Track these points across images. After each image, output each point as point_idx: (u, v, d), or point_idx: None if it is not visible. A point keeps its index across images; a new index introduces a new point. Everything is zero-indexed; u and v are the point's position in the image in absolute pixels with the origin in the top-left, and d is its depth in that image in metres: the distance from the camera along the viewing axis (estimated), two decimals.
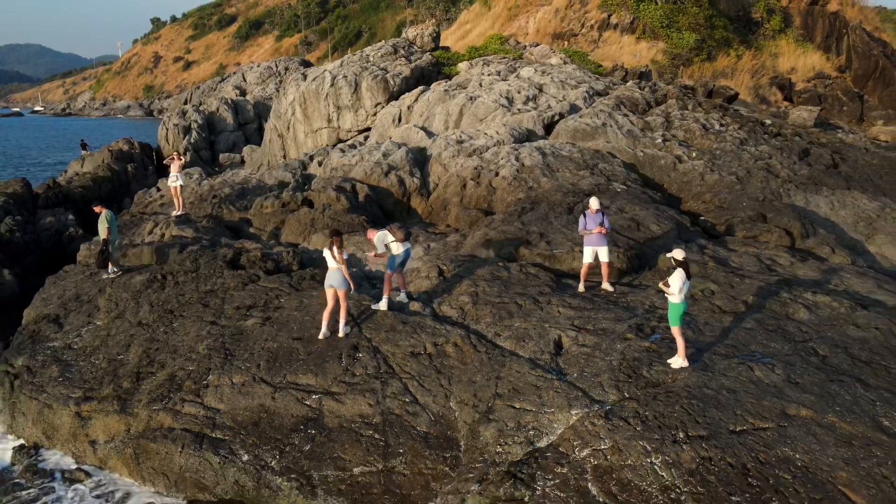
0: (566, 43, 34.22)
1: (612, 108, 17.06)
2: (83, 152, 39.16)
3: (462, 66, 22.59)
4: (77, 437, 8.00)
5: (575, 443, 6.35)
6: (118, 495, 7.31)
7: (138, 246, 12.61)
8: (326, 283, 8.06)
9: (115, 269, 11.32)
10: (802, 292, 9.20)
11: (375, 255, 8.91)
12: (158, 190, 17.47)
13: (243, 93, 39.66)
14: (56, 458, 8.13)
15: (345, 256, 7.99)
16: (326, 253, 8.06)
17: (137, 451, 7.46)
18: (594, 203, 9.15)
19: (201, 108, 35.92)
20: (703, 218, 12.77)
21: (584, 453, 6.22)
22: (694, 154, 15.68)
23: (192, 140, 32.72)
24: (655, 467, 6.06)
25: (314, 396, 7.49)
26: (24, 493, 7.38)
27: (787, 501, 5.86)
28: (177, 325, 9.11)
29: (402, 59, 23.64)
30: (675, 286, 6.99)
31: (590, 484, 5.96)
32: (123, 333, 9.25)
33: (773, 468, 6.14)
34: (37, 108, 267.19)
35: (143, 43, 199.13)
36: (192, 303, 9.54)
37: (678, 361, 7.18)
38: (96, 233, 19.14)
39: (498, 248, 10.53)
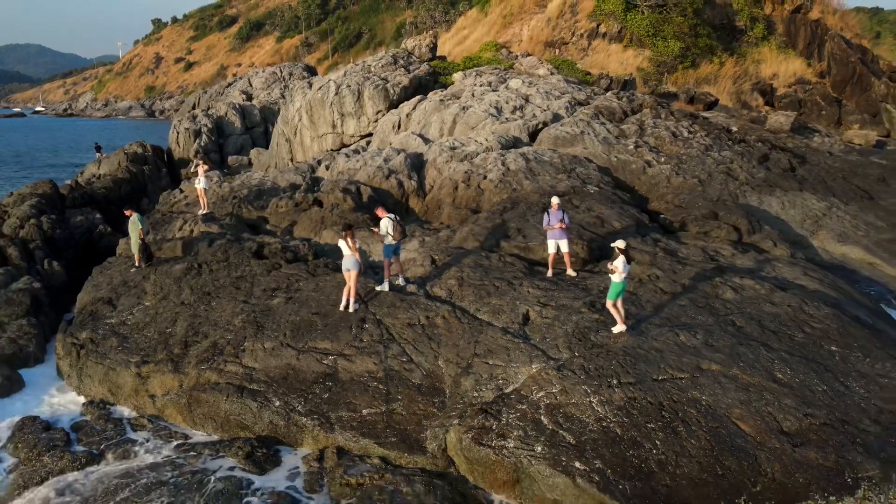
0: (557, 51, 36.15)
1: (591, 118, 19.00)
2: (98, 155, 41.16)
3: (456, 76, 24.50)
4: (138, 392, 9.95)
5: (533, 388, 8.29)
6: (176, 437, 9.24)
7: (171, 241, 14.56)
8: (343, 267, 10.02)
9: (140, 264, 13.23)
10: (732, 277, 11.15)
11: (377, 233, 10.80)
12: (182, 191, 19.37)
13: (250, 97, 41.57)
14: (120, 410, 10.07)
15: (357, 245, 9.95)
16: (342, 243, 10.01)
17: (190, 402, 9.41)
18: (555, 202, 11.08)
19: (210, 113, 37.85)
20: (662, 216, 14.71)
21: (540, 395, 8.16)
22: (662, 159, 17.62)
23: (202, 143, 34.66)
24: (593, 404, 8.00)
25: (330, 357, 9.43)
26: (102, 436, 9.31)
27: (690, 428, 7.80)
28: (214, 304, 11.07)
29: (402, 69, 25.57)
30: (619, 268, 8.92)
31: (542, 416, 7.90)
32: (169, 311, 11.20)
33: (684, 405, 8.08)
34: (38, 109, 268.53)
35: (144, 44, 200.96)
36: (226, 286, 11.50)
37: (618, 328, 9.12)
38: (122, 230, 21.16)
39: (482, 241, 12.48)
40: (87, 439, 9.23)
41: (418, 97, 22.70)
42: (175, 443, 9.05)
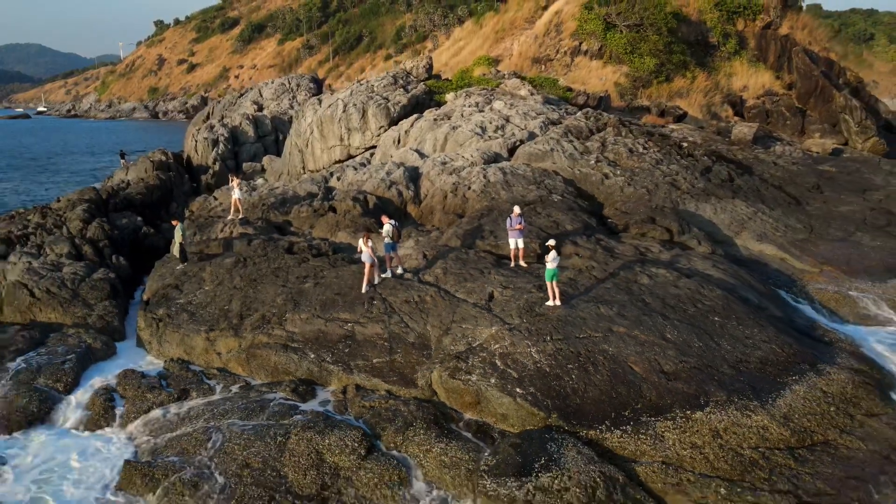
0: (543, 66, 39.88)
1: (561, 136, 22.73)
2: (122, 161, 44.99)
3: (449, 96, 28.20)
4: (208, 352, 13.68)
5: (491, 342, 12.01)
6: (239, 381, 12.95)
7: (216, 240, 18.30)
8: (362, 259, 13.78)
9: (184, 264, 16.98)
10: (651, 267, 14.86)
11: (381, 234, 14.51)
12: (216, 198, 23.08)
13: (261, 108, 45.27)
14: (194, 366, 13.78)
15: (370, 245, 13.68)
16: (360, 242, 13.75)
17: (248, 357, 13.14)
18: (517, 210, 14.80)
19: (225, 122, 41.57)
20: (610, 220, 18.43)
21: (495, 347, 11.88)
22: (618, 172, 21.35)
23: (219, 152, 38.35)
24: (531, 353, 11.72)
25: (349, 324, 13.16)
26: (185, 381, 13.01)
27: (597, 368, 11.53)
28: (259, 287, 14.79)
29: (401, 88, 29.30)
30: (551, 259, 12.64)
31: (496, 360, 11.64)
32: (226, 293, 14.93)
33: (595, 354, 11.79)
34: (40, 109, 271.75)
35: (146, 45, 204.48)
36: (267, 274, 15.23)
37: (553, 303, 12.84)
38: (161, 230, 24.91)
39: (462, 240, 16.20)
40: (174, 384, 12.95)
41: (415, 115, 26.41)
42: (239, 385, 12.78)
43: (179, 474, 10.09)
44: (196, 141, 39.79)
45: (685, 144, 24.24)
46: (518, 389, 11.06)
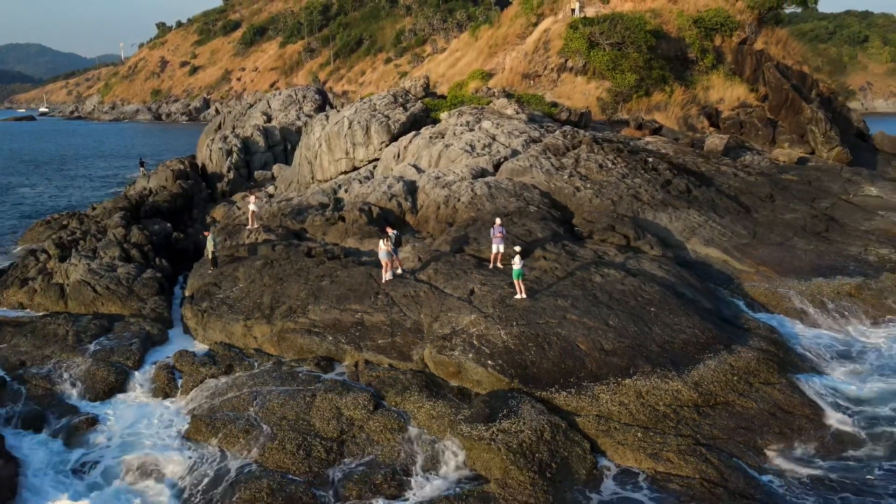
0: (532, 81, 43.41)
1: (540, 153, 26.26)
2: (141, 170, 48.57)
3: (443, 115, 31.70)
4: (245, 336, 17.21)
5: (470, 327, 15.54)
6: (272, 359, 16.46)
7: (243, 245, 21.83)
8: (380, 257, 17.34)
9: (213, 269, 20.51)
10: (604, 268, 18.37)
11: (385, 244, 18.02)
12: (239, 208, 26.58)
13: (269, 118, 48.75)
14: (235, 348, 17.28)
15: (390, 247, 17.24)
16: (381, 243, 17.29)
17: (279, 339, 16.65)
18: (498, 221, 18.31)
19: (237, 133, 45.09)
20: (577, 228, 21.96)
21: (473, 330, 15.41)
22: (588, 185, 24.87)
23: (233, 161, 41.84)
24: (501, 335, 15.24)
25: (359, 314, 16.68)
26: (228, 359, 16.50)
27: (551, 346, 15.03)
28: (286, 284, 18.33)
29: (401, 107, 32.80)
30: (516, 262, 16.16)
31: (473, 340, 15.16)
32: (257, 290, 18.46)
33: (550, 335, 15.30)
34: (42, 109, 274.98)
35: (149, 47, 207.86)
36: (291, 274, 18.76)
37: (519, 296, 16.36)
38: (188, 235, 28.33)
39: (451, 246, 19.73)
40: (220, 361, 16.46)
41: (413, 133, 29.92)
42: (272, 361, 16.30)
43: (234, 424, 13.61)
44: (211, 150, 43.27)
45: (650, 159, 27.72)
46: (489, 362, 14.59)
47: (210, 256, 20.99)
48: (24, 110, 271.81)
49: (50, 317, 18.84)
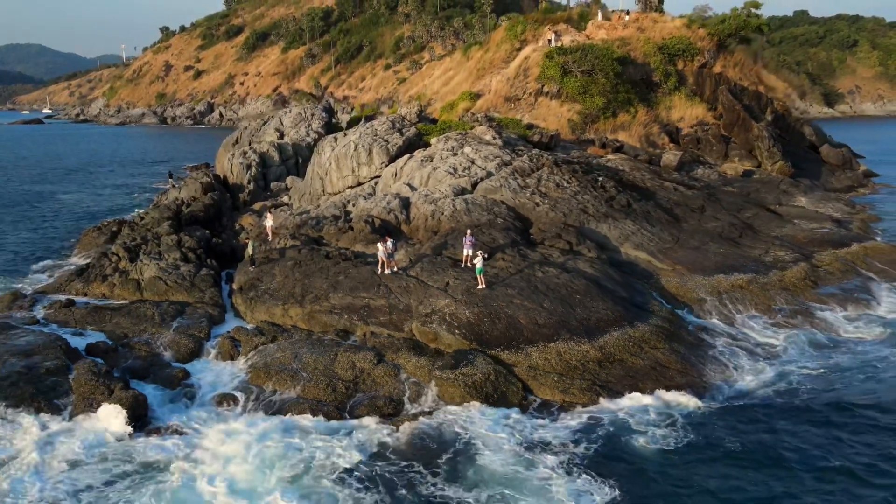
0: (513, 104, 50.30)
1: (509, 175, 33.15)
2: (170, 181, 55.53)
3: (433, 140, 38.54)
4: (284, 316, 24.08)
5: (444, 308, 22.44)
6: (305, 332, 23.33)
7: (275, 249, 28.71)
8: (379, 254, 24.21)
9: (255, 267, 27.38)
10: (545, 267, 25.21)
11: (384, 247, 24.88)
12: (265, 219, 33.42)
13: (282, 134, 55.57)
14: (275, 325, 24.13)
15: (388, 245, 24.11)
16: (379, 245, 24.17)
17: (309, 318, 23.55)
18: (469, 231, 25.19)
19: (254, 148, 51.93)
20: (532, 236, 28.84)
21: (446, 311, 22.32)
22: (546, 201, 31.75)
23: (252, 174, 48.70)
24: (465, 313, 22.12)
25: (366, 300, 23.58)
26: (273, 332, 23.36)
27: (501, 320, 21.91)
28: (312, 279, 25.22)
29: (397, 132, 39.69)
30: (479, 261, 23.04)
31: (446, 317, 22.06)
32: (291, 283, 25.35)
33: (500, 314, 22.16)
34: (45, 111, 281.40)
35: (153, 51, 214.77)
36: (315, 271, 25.66)
37: (481, 287, 23.25)
38: (224, 240, 35.05)
39: (434, 250, 26.63)
40: (267, 333, 23.32)
41: (408, 155, 36.77)
42: (305, 333, 23.17)
43: (283, 372, 20.48)
44: (232, 164, 50.13)
45: (600, 179, 34.56)
46: (456, 331, 21.49)
47: (250, 258, 27.87)
48: (28, 112, 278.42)
49: (138, 303, 25.75)
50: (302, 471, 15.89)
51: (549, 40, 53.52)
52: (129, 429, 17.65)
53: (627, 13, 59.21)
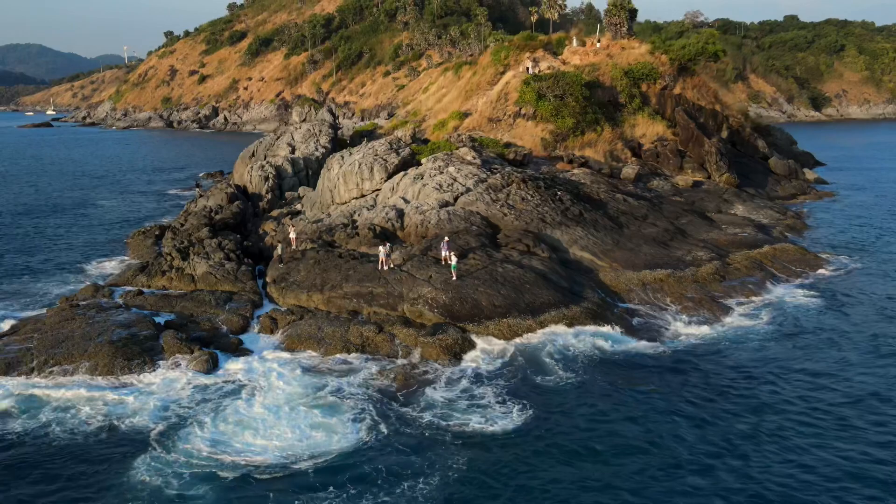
0: (495, 124, 58.99)
1: (484, 190, 41.88)
2: (198, 190, 64.29)
3: (424, 160, 47.23)
4: (308, 301, 32.81)
5: (427, 294, 31.18)
6: (324, 312, 32.06)
7: (297, 250, 37.44)
8: (380, 254, 32.96)
9: (284, 264, 36.07)
10: (505, 264, 33.89)
11: (384, 249, 33.63)
12: (288, 229, 42.10)
13: (293, 148, 64.25)
14: (302, 308, 32.85)
15: (386, 251, 32.87)
16: (380, 248, 32.92)
17: (327, 302, 32.29)
18: (446, 238, 33.90)
19: (270, 162, 60.62)
20: (498, 240, 37.56)
21: (429, 297, 31.05)
22: (512, 212, 40.46)
23: (270, 185, 57.40)
24: (443, 298, 30.84)
25: (370, 288, 32.34)
26: (301, 312, 32.08)
27: (467, 303, 30.62)
28: (329, 273, 33.97)
29: (394, 152, 48.41)
30: (453, 260, 31.73)
31: (429, 301, 30.80)
32: (312, 277, 34.08)
33: (467, 298, 30.90)
34: (49, 113, 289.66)
35: (158, 56, 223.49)
36: (331, 268, 34.40)
37: (454, 279, 31.95)
38: (253, 242, 43.90)
39: (422, 251, 35.37)
40: (296, 313, 32.02)
41: (402, 173, 45.47)
42: (325, 313, 31.88)
43: (310, 339, 29.18)
44: (251, 175, 58.87)
45: (559, 192, 43.25)
46: (435, 310, 30.22)
47: (279, 257, 36.56)
48: (32, 114, 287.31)
49: (196, 292, 34.49)
50: (321, 393, 24.58)
51: (527, 68, 62.21)
52: (208, 373, 26.37)
53: (599, 41, 67.85)
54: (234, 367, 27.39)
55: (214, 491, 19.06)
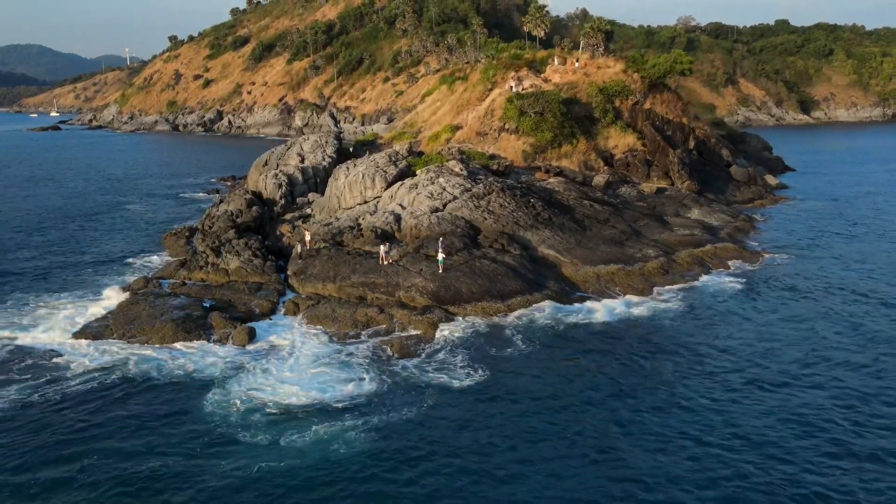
0: (482, 137, 67.63)
1: (468, 198, 50.55)
2: (216, 196, 72.95)
3: (419, 171, 55.84)
4: (323, 289, 41.47)
5: (419, 283, 39.85)
6: (337, 298, 40.69)
7: (312, 249, 46.07)
8: (380, 252, 41.63)
9: (303, 259, 44.70)
10: (483, 260, 42.50)
11: (384, 248, 42.28)
12: (303, 233, 50.71)
13: (303, 158, 72.84)
14: (319, 295, 41.47)
15: (387, 246, 41.53)
16: (381, 248, 41.59)
17: (339, 290, 40.94)
18: (441, 239, 42.55)
19: (283, 170, 69.25)
20: (479, 240, 46.19)
21: (420, 285, 39.70)
22: (491, 217, 49.12)
23: (283, 191, 65.97)
24: (431, 286, 39.47)
25: (372, 279, 40.99)
26: (318, 299, 40.71)
27: (451, 289, 39.25)
28: (340, 267, 42.64)
29: (393, 164, 57.07)
30: (440, 256, 40.33)
31: (420, 288, 39.47)
32: (326, 269, 42.74)
33: (451, 286, 39.51)
34: (53, 114, 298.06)
35: (163, 60, 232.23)
36: (341, 263, 43.07)
37: (441, 271, 40.55)
38: (273, 241, 52.66)
39: (417, 249, 44.00)
40: (314, 299, 40.66)
41: (399, 183, 54.11)
42: (337, 298, 40.53)
43: (325, 318, 37.80)
44: (266, 182, 67.52)
45: (532, 199, 51.86)
46: (425, 296, 38.87)
47: (298, 255, 45.17)
48: (36, 115, 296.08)
49: (231, 283, 43.12)
50: (335, 356, 33.16)
51: (511, 87, 70.84)
52: (248, 342, 34.99)
53: (577, 59, 76.49)
54: (268, 338, 35.99)
55: (262, 417, 27.66)
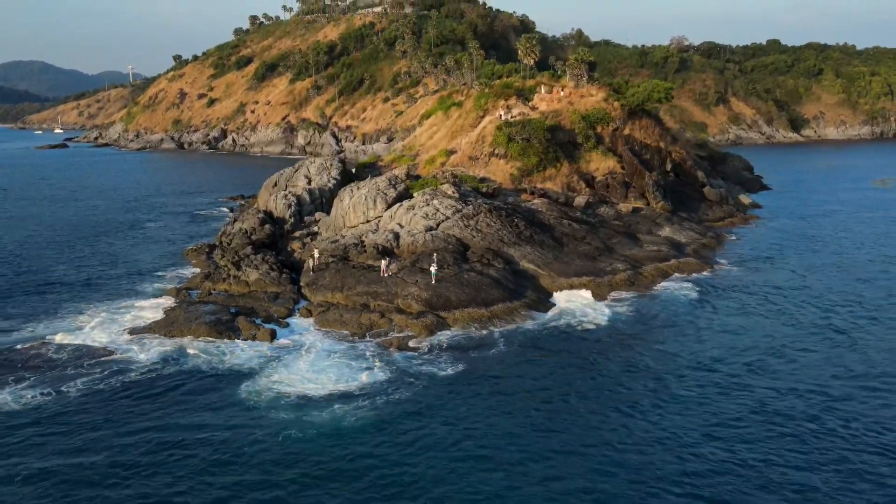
0: (474, 161, 75.25)
1: (459, 218, 58.08)
2: (230, 214, 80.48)
3: (416, 194, 63.35)
4: (332, 297, 48.87)
5: (414, 292, 47.26)
6: (345, 305, 48.06)
7: (323, 264, 53.49)
8: (381, 265, 49.06)
9: (314, 272, 52.10)
10: (470, 272, 49.90)
11: (384, 262, 49.73)
12: (313, 250, 58.17)
13: (310, 180, 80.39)
14: (329, 302, 48.84)
15: (386, 260, 48.97)
16: (381, 262, 49.02)
17: (346, 298, 48.32)
18: (435, 255, 49.96)
19: (292, 191, 76.81)
20: (468, 255, 53.62)
21: (416, 294, 47.11)
22: (479, 234, 56.61)
23: (292, 211, 73.47)
24: (423, 294, 46.87)
25: (374, 289, 48.38)
26: (328, 306, 48.09)
27: (443, 297, 46.64)
28: (346, 279, 50.07)
29: (392, 188, 64.65)
30: (433, 269, 47.71)
31: (416, 297, 46.88)
32: (334, 281, 50.17)
33: (443, 295, 46.87)
34: (57, 131, 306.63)
35: (168, 79, 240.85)
36: (347, 275, 50.51)
37: (433, 282, 47.94)
38: (286, 257, 60.29)
39: (412, 264, 51.44)
40: (324, 306, 48.05)
41: (398, 204, 61.64)
42: (344, 305, 47.90)
43: (335, 322, 45.16)
44: (276, 202, 75.12)
45: (516, 219, 59.35)
46: (419, 303, 46.27)
47: (310, 268, 52.57)
48: (41, 132, 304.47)
49: (252, 293, 50.50)
50: (344, 353, 40.45)
51: (501, 115, 78.59)
52: (271, 342, 42.31)
53: (563, 88, 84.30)
54: (287, 338, 43.32)
55: (287, 403, 34.92)
